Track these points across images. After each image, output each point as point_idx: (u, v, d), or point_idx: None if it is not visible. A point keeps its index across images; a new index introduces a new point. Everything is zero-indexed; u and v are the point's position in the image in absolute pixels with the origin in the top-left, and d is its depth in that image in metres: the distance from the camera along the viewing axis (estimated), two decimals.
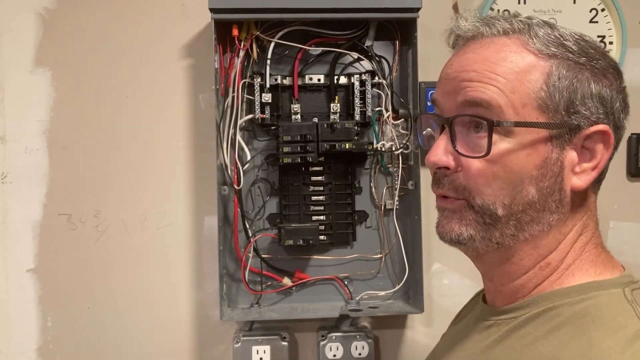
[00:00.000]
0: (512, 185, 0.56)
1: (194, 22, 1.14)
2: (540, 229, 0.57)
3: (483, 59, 0.58)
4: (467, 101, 0.57)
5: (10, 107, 1.12)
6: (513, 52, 0.57)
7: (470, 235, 0.58)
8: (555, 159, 0.56)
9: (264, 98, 1.08)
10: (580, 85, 0.56)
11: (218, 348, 1.15)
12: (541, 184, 0.56)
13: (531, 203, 0.56)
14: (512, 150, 0.56)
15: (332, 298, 1.14)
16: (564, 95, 0.56)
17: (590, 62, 0.57)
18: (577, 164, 0.57)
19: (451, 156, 0.58)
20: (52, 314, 1.13)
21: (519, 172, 0.56)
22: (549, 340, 0.54)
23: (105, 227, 1.13)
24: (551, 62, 0.56)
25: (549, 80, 0.56)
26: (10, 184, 1.12)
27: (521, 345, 0.55)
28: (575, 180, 0.57)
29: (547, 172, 0.56)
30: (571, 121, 0.56)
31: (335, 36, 1.10)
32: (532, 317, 0.57)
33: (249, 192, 1.12)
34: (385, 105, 1.11)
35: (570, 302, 0.55)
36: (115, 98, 1.13)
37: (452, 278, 1.18)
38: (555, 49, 0.57)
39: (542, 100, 0.56)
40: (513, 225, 0.57)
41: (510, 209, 0.57)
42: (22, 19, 1.12)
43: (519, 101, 0.56)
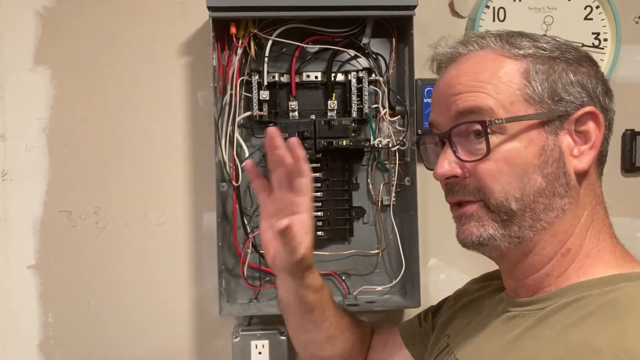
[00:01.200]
0: (518, 178, 0.59)
1: (193, 21, 1.14)
2: (555, 214, 0.60)
3: (465, 72, 0.63)
4: (459, 112, 0.61)
5: (11, 105, 1.13)
6: (491, 60, 0.62)
7: (490, 235, 0.61)
8: (553, 144, 0.60)
9: (262, 95, 1.09)
10: (558, 75, 0.61)
11: (217, 343, 1.16)
12: (545, 171, 0.59)
13: (540, 191, 0.59)
14: (510, 145, 0.60)
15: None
16: (545, 85, 0.60)
17: (563, 55, 0.62)
18: (575, 147, 0.60)
19: (456, 165, 0.62)
20: (53, 310, 1.14)
21: (521, 164, 0.59)
22: (580, 327, 0.55)
23: (105, 224, 1.14)
24: (527, 61, 0.61)
25: (529, 76, 0.60)
26: (10, 182, 1.13)
27: (551, 333, 0.57)
28: (577, 162, 0.60)
29: (548, 159, 0.59)
30: (558, 108, 0.60)
31: (332, 34, 1.11)
32: (560, 306, 0.59)
33: (247, 189, 1.13)
34: (382, 102, 1.12)
35: (599, 293, 0.57)
36: (114, 96, 1.14)
37: (448, 273, 1.19)
38: (528, 49, 0.62)
39: (527, 94, 0.60)
40: (529, 217, 0.60)
41: (522, 201, 0.60)
42: (21, 18, 1.13)
43: (506, 100, 0.60)
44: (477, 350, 0.66)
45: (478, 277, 0.83)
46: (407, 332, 0.89)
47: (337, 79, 1.12)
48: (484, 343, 0.65)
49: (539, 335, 0.58)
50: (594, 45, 1.17)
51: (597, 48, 1.17)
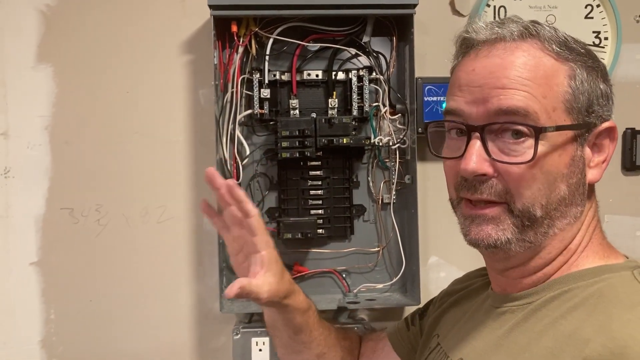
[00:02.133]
0: (547, 185, 0.59)
1: (194, 19, 1.15)
2: (567, 222, 0.61)
3: (511, 64, 0.58)
4: (503, 110, 0.58)
5: (13, 103, 1.13)
6: (538, 57, 0.59)
7: (508, 239, 0.60)
8: (580, 156, 0.60)
9: (263, 93, 1.09)
10: (595, 85, 0.60)
11: (218, 340, 1.17)
12: (570, 181, 0.60)
13: (562, 199, 0.60)
14: (548, 152, 0.58)
15: (330, 291, 1.16)
16: (585, 96, 0.59)
17: (596, 63, 0.61)
18: (592, 159, 0.61)
19: (487, 163, 0.59)
20: (55, 307, 1.14)
21: (553, 172, 0.59)
22: (568, 319, 0.56)
23: (107, 221, 1.15)
24: (569, 65, 0.59)
25: (572, 83, 0.59)
26: (13, 179, 1.13)
27: (541, 326, 0.58)
28: (591, 174, 0.61)
29: (575, 169, 0.60)
30: (590, 120, 0.60)
31: (333, 32, 1.11)
32: (548, 300, 0.60)
33: (248, 187, 1.14)
34: (383, 101, 1.12)
35: (584, 285, 0.58)
36: (116, 94, 1.14)
37: (448, 271, 1.19)
38: (568, 52, 0.60)
39: (569, 102, 0.59)
40: (547, 224, 0.60)
41: (546, 209, 0.59)
42: (24, 16, 1.13)
43: (550, 105, 0.58)
44: (469, 347, 0.66)
45: (461, 277, 0.83)
46: (395, 336, 0.89)
47: (338, 78, 1.13)
48: (475, 340, 0.65)
49: (528, 329, 0.59)
50: (595, 44, 1.17)
51: (598, 47, 1.17)
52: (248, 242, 0.74)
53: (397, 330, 0.89)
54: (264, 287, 0.72)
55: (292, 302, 0.78)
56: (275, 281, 0.74)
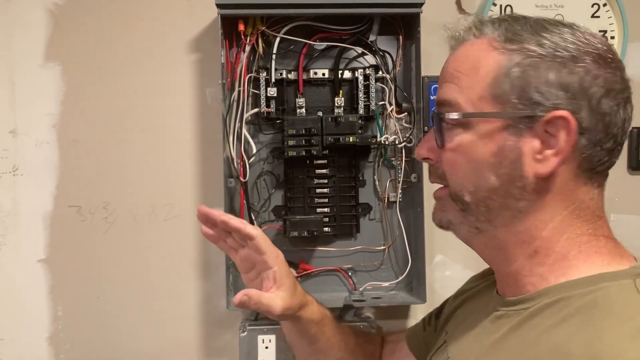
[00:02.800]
0: (473, 173, 0.61)
1: (201, 18, 1.15)
2: (512, 214, 0.60)
3: (455, 59, 0.63)
4: (438, 102, 0.64)
5: (21, 101, 1.14)
6: (477, 50, 0.61)
7: (450, 220, 0.65)
8: (512, 146, 0.59)
9: (270, 92, 1.10)
10: (535, 74, 0.57)
11: (224, 337, 1.17)
12: (499, 171, 0.59)
13: (493, 189, 0.60)
14: (471, 140, 0.60)
15: (336, 289, 1.16)
16: (515, 84, 0.58)
17: (556, 51, 0.58)
18: (540, 152, 0.58)
19: (433, 148, 0.64)
20: (63, 304, 1.15)
21: (478, 160, 0.60)
22: (559, 329, 0.54)
23: (114, 219, 1.15)
24: (510, 56, 0.59)
25: (502, 72, 0.59)
26: (21, 177, 1.14)
27: (533, 335, 0.57)
28: (539, 167, 0.58)
29: (503, 160, 0.59)
30: (523, 110, 0.58)
31: (339, 31, 1.11)
32: (542, 307, 0.58)
33: (254, 185, 1.14)
34: (389, 99, 1.13)
35: (580, 293, 0.56)
36: (123, 92, 1.15)
37: (454, 269, 1.19)
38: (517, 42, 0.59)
39: (494, 91, 0.59)
40: (484, 212, 0.61)
41: (475, 195, 0.61)
42: (32, 15, 1.14)
43: (475, 95, 0.60)
44: (468, 348, 0.66)
45: (479, 273, 0.83)
46: (412, 337, 0.89)
47: (344, 76, 1.13)
48: (474, 341, 0.66)
49: (522, 336, 0.58)
50: None
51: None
52: (258, 260, 0.78)
53: (414, 331, 0.90)
54: (277, 302, 0.75)
55: (305, 313, 0.82)
56: (287, 295, 0.77)
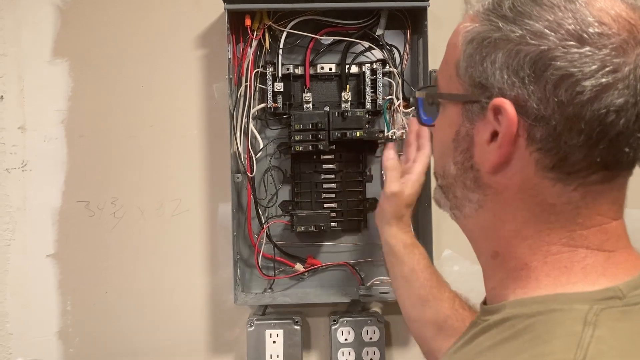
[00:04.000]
0: (441, 155, 0.58)
1: (208, 13, 1.15)
2: (473, 207, 0.55)
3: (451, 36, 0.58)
4: None
5: (30, 97, 1.15)
6: (462, 29, 0.53)
7: (437, 199, 0.62)
8: (465, 133, 0.53)
9: (276, 87, 1.10)
10: (485, 52, 0.50)
11: (232, 332, 1.18)
12: (456, 158, 0.55)
13: (454, 177, 0.56)
14: (440, 120, 0.58)
15: (344, 284, 1.16)
16: (467, 64, 0.52)
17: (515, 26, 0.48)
18: (488, 142, 0.51)
19: None
20: (72, 298, 1.16)
21: (443, 142, 0.57)
22: (496, 352, 0.48)
23: (122, 214, 1.16)
24: (476, 30, 0.51)
25: (468, 48, 0.52)
26: (30, 172, 1.15)
27: (472, 353, 0.51)
28: (485, 159, 0.52)
29: (458, 146, 0.54)
30: (472, 93, 0.51)
31: (346, 25, 1.11)
32: (492, 324, 0.51)
33: (261, 180, 1.14)
34: (396, 94, 1.12)
35: (526, 315, 0.48)
36: (131, 88, 1.15)
37: (462, 265, 1.19)
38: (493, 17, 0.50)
39: (456, 70, 0.53)
40: (452, 198, 0.58)
41: (445, 180, 0.58)
42: (40, 11, 1.14)
43: (447, 74, 0.55)
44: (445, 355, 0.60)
45: None
46: None
47: (351, 71, 1.12)
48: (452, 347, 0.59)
49: (465, 352, 0.52)
50: None
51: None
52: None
53: None
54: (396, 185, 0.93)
55: (400, 229, 0.92)
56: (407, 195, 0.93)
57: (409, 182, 0.94)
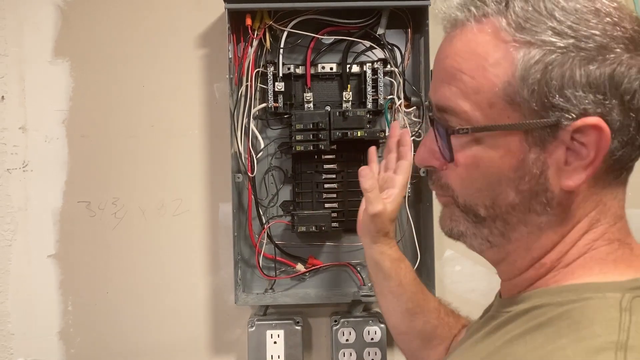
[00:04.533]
0: (490, 188, 0.53)
1: (208, 12, 1.15)
2: (529, 230, 0.54)
3: (453, 52, 0.53)
4: (437, 106, 0.55)
5: (31, 97, 1.15)
6: (482, 43, 0.51)
7: (461, 232, 0.58)
8: (534, 159, 0.51)
9: (277, 87, 1.09)
10: (558, 73, 0.48)
11: (233, 332, 1.17)
12: (520, 187, 0.52)
13: (513, 205, 0.53)
14: (484, 152, 0.52)
15: (345, 284, 1.16)
16: (536, 87, 0.49)
17: (579, 42, 0.48)
18: (567, 163, 0.50)
19: (437, 153, 0.56)
20: (73, 299, 1.16)
21: (494, 174, 0.52)
22: (522, 341, 0.50)
23: (123, 214, 1.16)
24: (523, 51, 0.49)
25: (519, 72, 0.49)
26: (31, 172, 1.15)
27: (500, 342, 0.52)
28: (565, 180, 0.51)
29: (525, 175, 0.51)
30: (547, 118, 0.49)
31: (347, 25, 1.10)
32: (519, 313, 0.53)
33: (262, 180, 1.14)
34: (398, 93, 1.12)
35: (558, 303, 0.50)
36: (132, 87, 1.15)
37: (464, 265, 1.18)
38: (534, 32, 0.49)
39: (510, 97, 0.50)
40: (501, 225, 0.54)
41: (492, 210, 0.54)
42: (41, 11, 1.14)
43: (485, 102, 0.51)
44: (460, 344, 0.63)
45: None
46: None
47: (352, 70, 1.12)
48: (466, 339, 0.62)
49: (493, 341, 0.54)
50: None
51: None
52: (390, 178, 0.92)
53: None
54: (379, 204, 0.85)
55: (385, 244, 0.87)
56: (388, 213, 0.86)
57: (391, 197, 0.89)
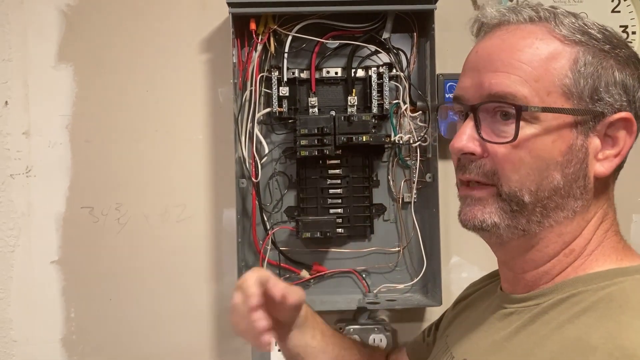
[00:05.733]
0: (538, 171, 0.57)
1: (213, 17, 1.15)
2: (565, 215, 0.58)
3: (509, 46, 0.58)
4: (492, 94, 0.57)
5: (34, 102, 1.14)
6: (539, 39, 0.57)
7: (495, 223, 0.58)
8: (580, 145, 0.57)
9: (282, 91, 1.09)
10: (604, 72, 0.56)
11: (237, 339, 1.16)
12: (566, 170, 0.57)
13: (556, 189, 0.57)
14: (538, 135, 0.56)
15: (350, 291, 1.15)
16: (588, 82, 0.56)
17: (614, 50, 0.57)
18: (600, 151, 0.57)
19: (477, 142, 0.58)
20: (76, 305, 1.15)
21: (544, 158, 0.56)
22: (575, 324, 0.53)
23: (127, 220, 1.15)
24: (577, 49, 0.57)
25: (575, 67, 0.56)
26: (34, 178, 1.14)
27: (546, 330, 0.55)
28: (599, 166, 0.57)
29: (572, 159, 0.57)
30: (595, 108, 0.56)
31: (352, 29, 1.10)
32: (556, 303, 0.57)
33: (267, 185, 1.13)
34: (403, 98, 1.11)
35: (594, 289, 0.55)
36: (135, 92, 1.15)
37: (471, 271, 1.17)
38: (580, 36, 0.57)
39: (567, 87, 0.56)
40: (539, 212, 0.58)
41: (536, 195, 0.57)
42: (45, 16, 1.14)
43: (544, 89, 0.56)
44: (474, 346, 0.64)
45: (478, 279, 0.80)
46: (412, 349, 0.87)
47: (358, 75, 1.11)
48: (479, 339, 0.64)
49: (534, 331, 0.57)
50: None
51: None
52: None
53: (414, 343, 0.87)
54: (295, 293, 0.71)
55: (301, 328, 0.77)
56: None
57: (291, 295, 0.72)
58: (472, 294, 0.77)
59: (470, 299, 0.76)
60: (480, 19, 0.62)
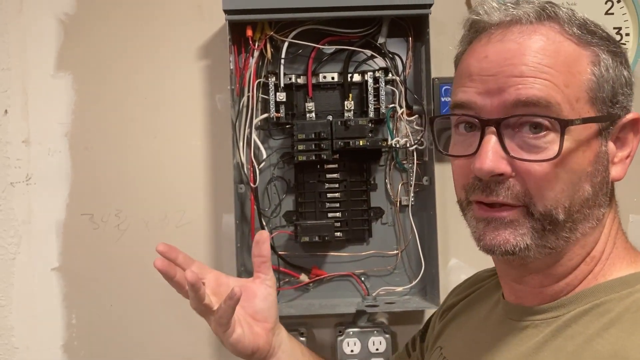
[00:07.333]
0: (572, 186, 0.53)
1: (210, 24, 1.16)
2: (591, 225, 0.55)
3: (529, 50, 0.52)
4: (522, 101, 0.51)
5: (34, 110, 1.15)
6: (557, 41, 0.53)
7: (527, 245, 0.53)
8: (604, 152, 0.54)
9: (279, 97, 1.09)
10: (619, 72, 0.54)
11: None
12: (594, 180, 0.54)
13: (586, 201, 0.53)
14: (572, 148, 0.52)
15: (349, 294, 1.15)
16: (609, 85, 0.53)
17: (618, 48, 0.55)
18: (615, 154, 0.55)
19: (504, 161, 0.52)
20: (76, 312, 1.16)
21: (577, 171, 0.52)
22: (605, 338, 0.50)
23: (127, 226, 1.16)
24: (592, 50, 0.53)
25: (596, 70, 0.53)
26: (34, 185, 1.15)
27: (574, 345, 0.52)
28: (615, 170, 0.55)
29: (599, 167, 0.54)
30: (614, 111, 0.54)
31: (348, 34, 1.10)
32: (579, 315, 0.53)
33: (265, 190, 1.14)
34: (399, 102, 1.11)
35: (617, 297, 0.53)
36: (134, 99, 1.16)
37: (468, 273, 1.16)
38: (589, 35, 0.54)
39: (593, 92, 0.53)
40: (569, 227, 0.54)
41: (569, 211, 0.53)
42: (43, 25, 1.15)
43: (573, 95, 0.52)
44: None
45: (463, 283, 0.77)
46: None
47: (354, 80, 1.12)
48: (492, 355, 0.59)
49: (560, 347, 0.53)
50: None
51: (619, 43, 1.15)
52: None
53: (398, 356, 0.84)
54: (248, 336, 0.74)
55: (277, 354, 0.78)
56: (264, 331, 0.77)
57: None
58: (459, 302, 0.73)
59: (458, 307, 0.73)
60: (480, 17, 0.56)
